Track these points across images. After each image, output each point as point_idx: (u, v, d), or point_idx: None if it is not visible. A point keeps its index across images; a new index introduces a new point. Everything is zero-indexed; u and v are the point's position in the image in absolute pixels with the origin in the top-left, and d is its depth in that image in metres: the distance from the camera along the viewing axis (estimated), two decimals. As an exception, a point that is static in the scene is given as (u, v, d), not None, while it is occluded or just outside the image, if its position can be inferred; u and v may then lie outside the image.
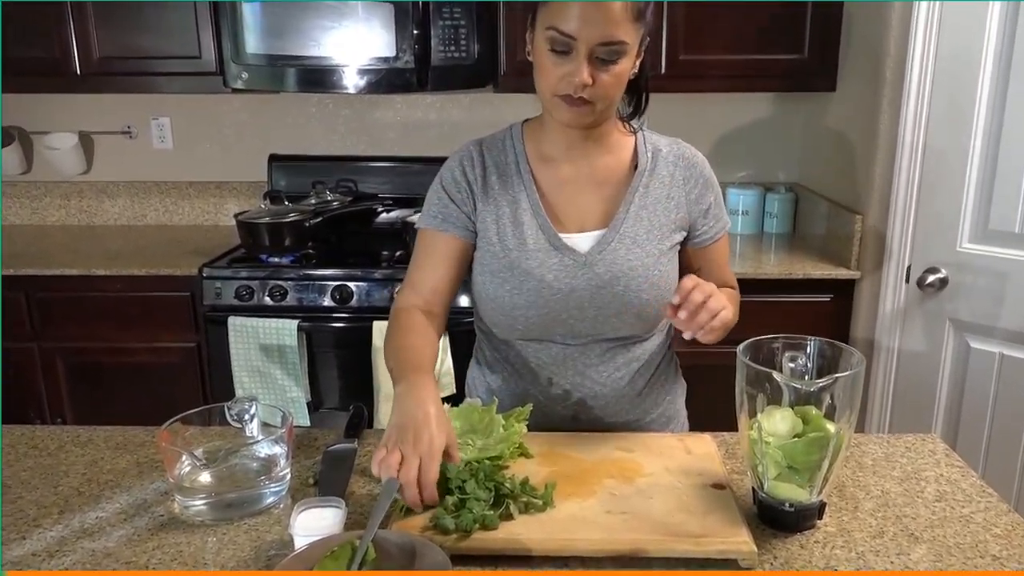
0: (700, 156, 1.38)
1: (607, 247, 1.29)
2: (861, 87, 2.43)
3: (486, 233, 1.33)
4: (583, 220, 1.32)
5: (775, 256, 2.66)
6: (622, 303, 1.29)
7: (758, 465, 1.03)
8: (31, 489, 1.16)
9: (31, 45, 2.62)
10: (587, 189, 1.33)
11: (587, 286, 1.29)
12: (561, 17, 1.14)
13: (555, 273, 1.29)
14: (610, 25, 1.14)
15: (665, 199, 1.33)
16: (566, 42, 1.15)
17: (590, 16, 1.13)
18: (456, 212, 1.34)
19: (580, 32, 1.14)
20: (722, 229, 1.39)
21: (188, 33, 2.60)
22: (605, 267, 1.29)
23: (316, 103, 3.04)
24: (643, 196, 1.32)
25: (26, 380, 2.58)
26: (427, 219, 1.36)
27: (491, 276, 1.32)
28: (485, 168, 1.35)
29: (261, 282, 2.46)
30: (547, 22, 1.16)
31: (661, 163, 1.34)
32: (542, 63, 1.20)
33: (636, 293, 1.29)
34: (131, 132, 3.07)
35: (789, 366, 1.07)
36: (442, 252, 1.34)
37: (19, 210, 3.15)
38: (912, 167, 2.18)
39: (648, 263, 1.30)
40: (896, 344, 2.30)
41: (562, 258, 1.29)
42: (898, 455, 1.26)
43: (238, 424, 1.19)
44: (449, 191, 1.35)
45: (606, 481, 1.13)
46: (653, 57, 2.57)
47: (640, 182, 1.32)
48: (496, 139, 1.38)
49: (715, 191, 1.37)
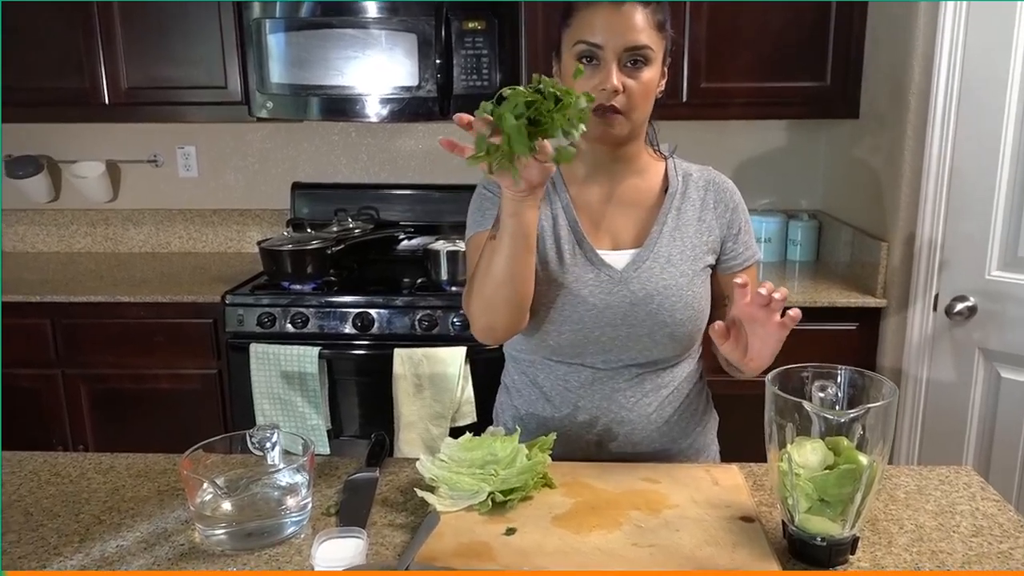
0: (730, 183, 1.41)
1: (642, 265, 1.31)
2: (884, 114, 2.42)
3: None
4: (617, 239, 1.35)
5: (799, 284, 2.63)
6: (655, 322, 1.29)
7: (788, 498, 1.01)
8: (52, 517, 1.15)
9: (63, 76, 2.67)
10: (619, 209, 1.36)
11: (621, 303, 1.30)
12: (587, 29, 1.22)
13: (590, 288, 1.30)
14: (633, 31, 1.21)
15: (697, 221, 1.35)
16: (593, 51, 1.22)
17: (614, 23, 1.21)
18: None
19: (606, 40, 1.21)
20: (751, 258, 1.39)
21: (214, 63, 2.64)
22: (640, 285, 1.30)
23: (339, 132, 3.07)
24: (676, 218, 1.35)
25: (50, 407, 2.59)
26: (474, 225, 1.37)
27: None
28: None
29: (283, 309, 2.47)
30: (574, 38, 1.24)
31: (692, 187, 1.37)
32: (571, 80, 1.23)
33: (670, 312, 1.29)
34: (157, 161, 3.11)
35: (819, 396, 1.05)
36: None
37: (47, 237, 3.19)
38: (938, 193, 2.16)
39: (682, 283, 1.31)
40: (924, 374, 2.26)
41: (598, 274, 1.31)
42: (931, 488, 1.23)
43: (260, 452, 1.18)
44: (492, 190, 1.35)
45: (631, 512, 1.11)
46: (674, 85, 2.59)
47: (672, 204, 1.35)
48: None
49: (745, 218, 1.39)
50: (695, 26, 2.55)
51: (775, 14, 2.55)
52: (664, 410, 1.36)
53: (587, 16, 1.23)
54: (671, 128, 2.89)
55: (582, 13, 1.23)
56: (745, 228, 1.39)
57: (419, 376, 2.36)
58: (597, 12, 1.22)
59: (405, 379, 2.36)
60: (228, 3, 2.59)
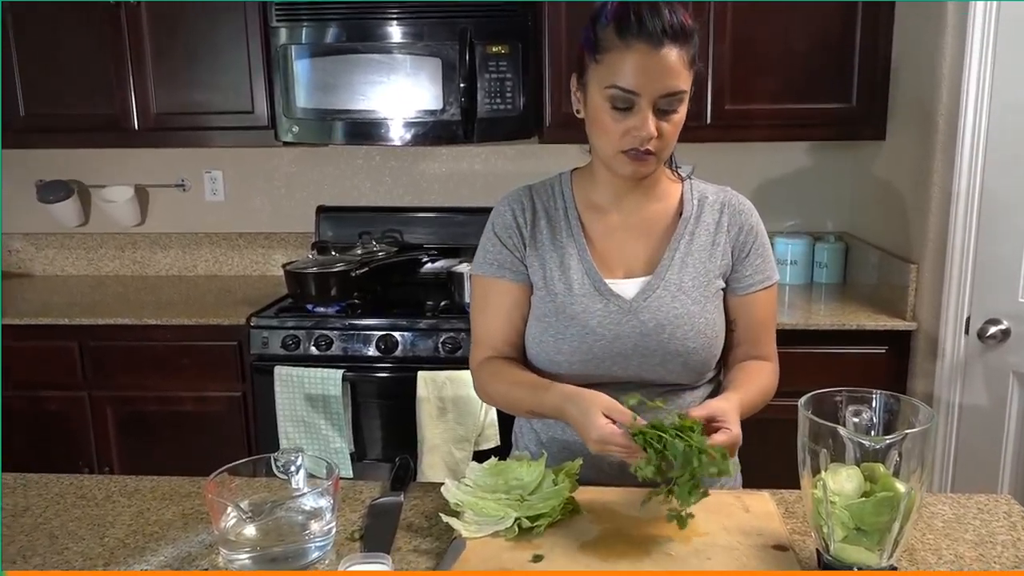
0: (748, 204, 1.37)
1: (652, 294, 1.29)
2: (911, 134, 2.39)
3: (533, 278, 1.34)
4: (630, 267, 1.32)
5: (825, 306, 2.60)
6: (667, 351, 1.27)
7: (823, 526, 0.98)
8: (78, 540, 1.15)
9: (94, 102, 2.72)
10: (634, 236, 1.33)
11: (631, 333, 1.27)
12: (621, 75, 1.16)
13: (599, 319, 1.28)
14: (670, 76, 1.16)
15: (710, 246, 1.32)
16: (628, 98, 1.17)
17: (650, 69, 1.15)
18: (510, 258, 1.34)
19: (643, 87, 1.16)
20: (763, 282, 1.34)
21: (242, 89, 2.68)
22: (650, 314, 1.27)
23: (364, 155, 3.09)
24: (688, 243, 1.32)
25: (77, 429, 2.61)
26: (482, 266, 1.37)
27: (537, 321, 1.32)
28: (535, 213, 1.36)
29: (307, 332, 2.47)
30: (606, 81, 1.18)
31: (707, 210, 1.34)
32: (601, 121, 1.21)
33: (681, 341, 1.27)
34: (185, 185, 3.15)
35: (853, 421, 1.02)
36: (501, 300, 1.35)
37: (76, 261, 3.24)
38: (968, 215, 2.12)
39: (694, 311, 1.28)
40: (957, 398, 2.21)
41: (607, 304, 1.29)
42: (970, 516, 1.19)
43: (284, 476, 1.17)
44: (501, 236, 1.35)
45: (661, 540, 1.08)
46: (698, 107, 2.59)
47: (685, 229, 1.33)
48: (546, 186, 1.40)
49: (760, 241, 1.35)
50: (719, 47, 2.54)
51: (799, 35, 2.54)
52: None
53: (621, 58, 1.15)
54: (695, 150, 2.88)
55: (615, 53, 1.16)
56: (757, 251, 1.33)
57: (442, 399, 2.35)
58: (632, 55, 1.15)
59: (428, 402, 2.35)
60: (255, 30, 2.63)
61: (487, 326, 1.36)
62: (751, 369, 1.31)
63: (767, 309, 1.36)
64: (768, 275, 1.35)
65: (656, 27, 1.14)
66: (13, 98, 2.73)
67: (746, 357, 1.34)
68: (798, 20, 2.53)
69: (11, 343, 2.57)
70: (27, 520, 1.21)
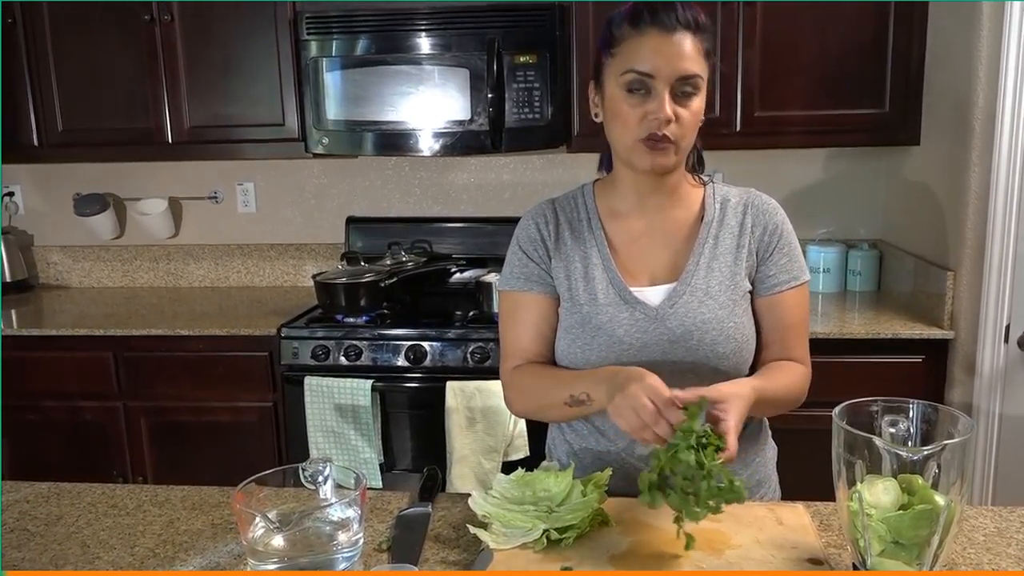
0: (773, 203, 1.34)
1: (678, 300, 1.27)
2: (947, 138, 2.34)
3: (559, 289, 1.34)
4: (654, 274, 1.31)
5: (860, 315, 2.55)
6: (696, 357, 1.25)
7: (860, 539, 0.95)
8: (109, 549, 1.16)
9: (130, 117, 2.77)
10: (658, 242, 1.32)
11: (659, 341, 1.26)
12: (637, 58, 1.19)
13: (626, 328, 1.27)
14: (685, 60, 1.19)
15: (736, 248, 1.30)
16: (644, 81, 1.19)
17: (665, 52, 1.18)
18: (536, 270, 1.34)
19: (659, 69, 1.18)
20: (790, 282, 1.30)
21: (273, 102, 2.71)
22: (677, 321, 1.26)
23: (393, 166, 3.11)
24: (712, 248, 1.30)
25: (111, 439, 2.65)
26: (509, 280, 1.37)
27: (564, 333, 1.32)
28: (559, 225, 1.36)
29: (337, 342, 2.49)
30: (622, 67, 1.21)
31: (730, 213, 1.32)
32: (619, 110, 1.22)
33: (711, 347, 1.25)
34: (217, 197, 3.19)
35: (889, 431, 1.00)
36: (529, 313, 1.34)
37: (111, 272, 3.29)
38: (1007, 220, 2.08)
39: (721, 315, 1.26)
40: (996, 408, 2.16)
41: (633, 312, 1.27)
42: (1012, 530, 1.16)
43: (312, 486, 1.17)
44: (527, 250, 1.36)
45: (692, 553, 1.06)
46: (727, 114, 2.56)
47: (708, 233, 1.31)
48: (568, 197, 1.40)
49: (785, 239, 1.31)
50: (748, 53, 2.52)
51: (830, 40, 2.51)
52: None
53: (636, 44, 1.20)
54: (724, 157, 2.85)
55: (630, 41, 1.20)
56: (782, 249, 1.30)
57: (471, 409, 2.34)
58: (647, 40, 1.19)
59: (457, 412, 2.35)
60: (286, 43, 2.66)
61: (516, 339, 1.35)
62: (777, 366, 1.28)
63: (796, 311, 1.31)
64: (795, 275, 1.31)
65: (670, 17, 1.19)
66: (52, 114, 2.79)
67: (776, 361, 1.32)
68: (828, 24, 2.50)
69: (48, 354, 2.62)
70: (60, 529, 1.22)
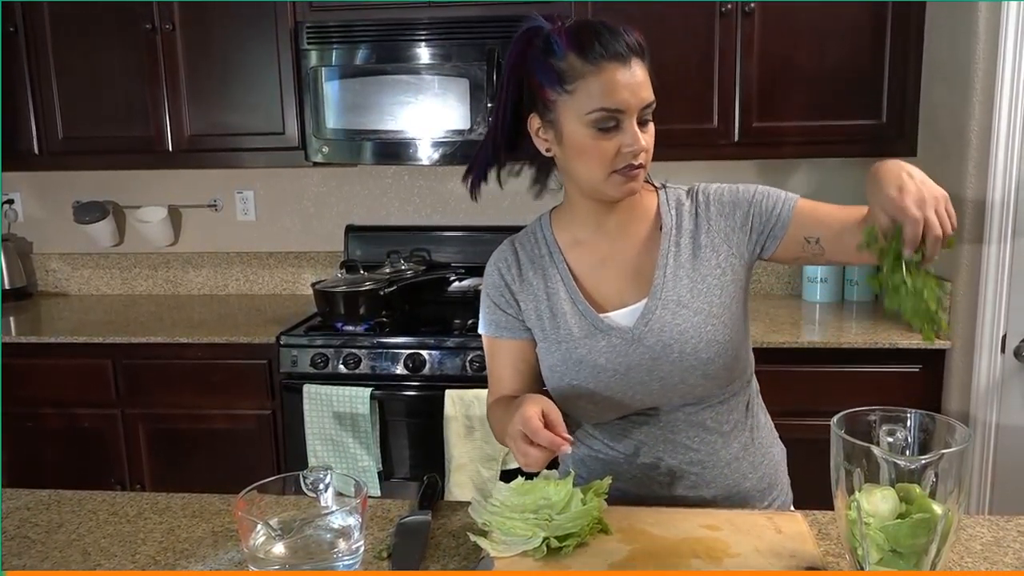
0: (712, 186, 1.32)
1: (652, 317, 1.25)
2: (943, 150, 2.36)
3: (533, 330, 1.33)
4: (623, 296, 1.29)
5: (857, 325, 2.56)
6: (683, 368, 1.24)
7: (858, 548, 0.96)
8: (110, 557, 1.16)
9: (130, 125, 2.78)
10: (622, 264, 1.30)
11: (641, 361, 1.25)
12: (603, 96, 1.15)
13: (607, 356, 1.26)
14: (644, 89, 1.18)
15: (702, 248, 1.28)
16: (616, 117, 1.16)
17: (630, 84, 1.16)
18: (505, 318, 1.35)
19: (628, 103, 1.16)
20: (786, 201, 1.29)
21: (273, 110, 2.72)
22: (655, 338, 1.24)
23: (392, 175, 3.12)
24: (676, 256, 1.28)
25: (109, 446, 2.65)
26: (484, 326, 1.39)
27: (550, 371, 1.31)
28: (520, 265, 1.35)
29: (336, 350, 2.49)
30: (587, 107, 1.16)
31: (685, 216, 1.30)
32: (587, 148, 1.19)
33: (694, 355, 1.24)
34: (217, 205, 3.20)
35: (887, 440, 1.01)
36: (506, 356, 1.36)
37: (110, 280, 3.29)
38: (1003, 231, 2.09)
39: (697, 322, 1.24)
40: (993, 418, 2.17)
41: (609, 339, 1.26)
42: (1010, 539, 1.16)
43: (312, 494, 1.18)
44: (494, 298, 1.36)
45: (692, 561, 1.07)
46: (726, 125, 2.58)
47: (669, 242, 1.28)
48: (528, 233, 1.40)
49: (742, 191, 1.30)
50: (746, 65, 2.54)
51: (828, 51, 2.53)
52: (730, 444, 1.31)
53: (597, 80, 1.15)
54: (722, 167, 2.86)
55: (589, 78, 1.15)
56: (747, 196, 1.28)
57: (470, 418, 2.35)
58: (607, 75, 1.15)
59: (456, 420, 2.35)
60: (287, 53, 2.67)
61: (498, 379, 1.38)
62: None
63: (819, 205, 1.30)
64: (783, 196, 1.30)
65: (620, 45, 1.16)
66: (52, 121, 2.81)
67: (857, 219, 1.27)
68: (826, 36, 2.52)
69: (47, 361, 2.63)
70: (61, 536, 1.22)
